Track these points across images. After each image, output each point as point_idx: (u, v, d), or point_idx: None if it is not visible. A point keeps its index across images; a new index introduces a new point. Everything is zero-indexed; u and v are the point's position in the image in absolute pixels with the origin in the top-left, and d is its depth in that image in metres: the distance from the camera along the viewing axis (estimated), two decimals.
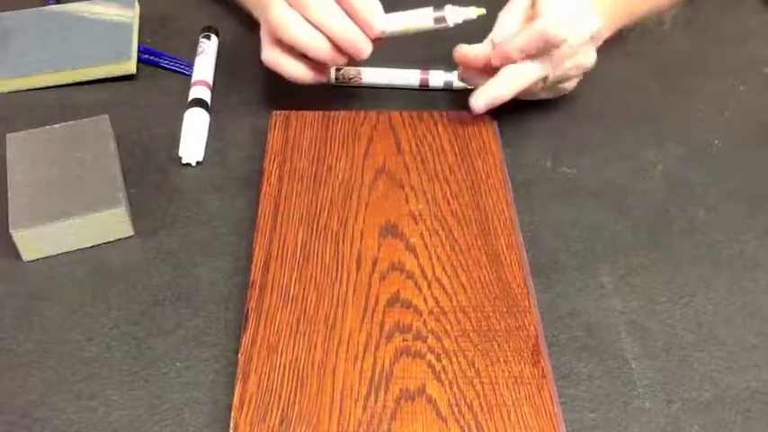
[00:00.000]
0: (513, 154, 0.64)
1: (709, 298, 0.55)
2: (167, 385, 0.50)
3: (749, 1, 0.82)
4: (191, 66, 0.71)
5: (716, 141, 0.66)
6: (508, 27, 0.63)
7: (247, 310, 0.51)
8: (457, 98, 0.69)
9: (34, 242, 0.56)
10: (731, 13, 0.80)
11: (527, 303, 0.52)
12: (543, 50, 0.60)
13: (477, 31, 0.64)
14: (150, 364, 0.51)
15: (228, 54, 0.74)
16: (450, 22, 0.62)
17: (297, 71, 0.63)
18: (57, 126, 0.63)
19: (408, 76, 0.70)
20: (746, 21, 0.79)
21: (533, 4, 0.62)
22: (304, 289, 0.52)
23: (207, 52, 0.72)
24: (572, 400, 0.49)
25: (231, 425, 0.46)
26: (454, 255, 0.54)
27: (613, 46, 0.68)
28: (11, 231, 0.55)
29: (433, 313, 0.51)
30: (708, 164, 0.64)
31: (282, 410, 0.46)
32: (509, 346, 0.49)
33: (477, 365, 0.48)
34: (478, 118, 0.64)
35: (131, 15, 0.75)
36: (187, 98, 0.68)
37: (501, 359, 0.49)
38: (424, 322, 0.50)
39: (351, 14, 0.60)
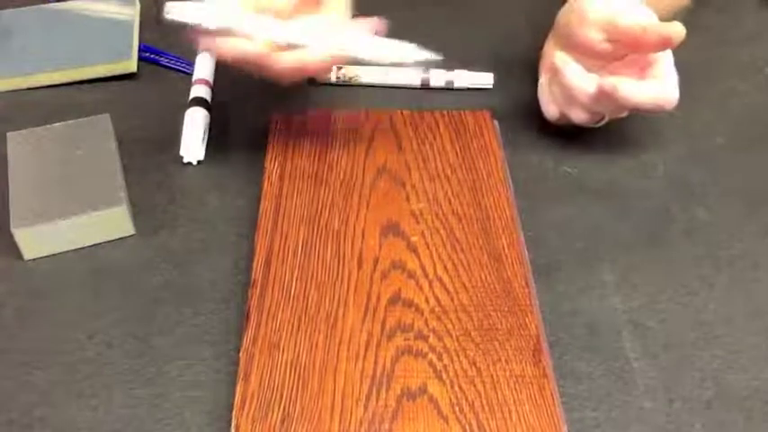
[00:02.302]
0: (514, 153, 0.64)
1: (710, 297, 0.55)
2: (168, 384, 0.50)
3: (749, 1, 0.82)
4: (191, 64, 0.71)
5: (717, 141, 0.66)
6: None
7: (248, 309, 0.51)
8: (458, 97, 0.69)
9: (35, 241, 0.56)
10: (731, 13, 0.80)
11: (528, 302, 0.52)
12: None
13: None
14: (151, 363, 0.51)
15: None
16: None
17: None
18: (57, 124, 0.63)
19: (409, 76, 0.70)
20: (746, 22, 0.79)
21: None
22: (305, 288, 0.52)
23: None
24: (573, 399, 0.49)
25: (232, 423, 0.46)
26: (455, 254, 0.54)
27: None
28: (12, 230, 0.55)
29: (434, 312, 0.51)
30: (709, 164, 0.64)
31: (284, 409, 0.46)
32: (510, 346, 0.49)
33: (478, 365, 0.48)
34: (479, 117, 0.64)
35: (132, 14, 0.75)
36: (188, 97, 0.68)
37: (502, 358, 0.49)
38: (426, 321, 0.50)
39: None
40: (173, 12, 0.55)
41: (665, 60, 0.59)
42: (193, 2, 0.55)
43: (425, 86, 0.70)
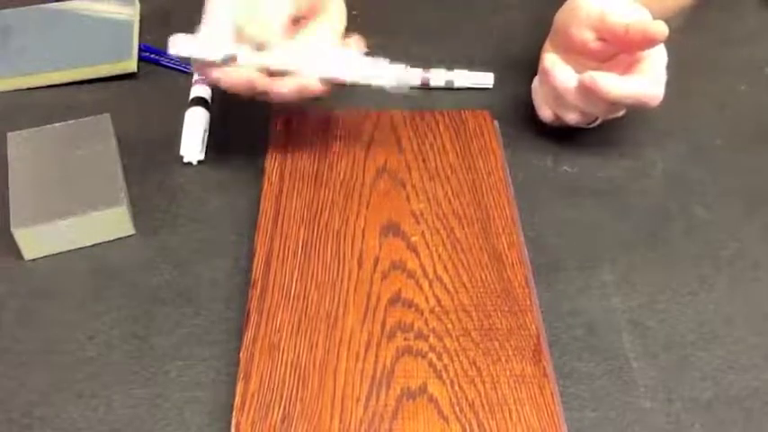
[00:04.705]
0: (514, 153, 0.64)
1: (710, 297, 0.55)
2: (168, 384, 0.50)
3: (749, 1, 0.82)
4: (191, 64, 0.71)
5: (716, 140, 0.66)
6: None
7: (248, 309, 0.51)
8: (458, 97, 0.69)
9: (35, 241, 0.56)
10: (731, 13, 0.80)
11: (528, 302, 0.52)
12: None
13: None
14: (151, 363, 0.51)
15: None
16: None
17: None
18: (58, 125, 0.63)
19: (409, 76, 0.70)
20: (747, 21, 0.79)
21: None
22: (305, 288, 0.52)
23: None
24: (573, 399, 0.49)
25: (233, 424, 0.46)
26: (455, 254, 0.54)
27: None
28: (12, 230, 0.55)
29: (434, 312, 0.51)
30: (708, 163, 0.64)
31: (284, 409, 0.46)
32: (510, 345, 0.49)
33: (478, 364, 0.48)
34: (479, 117, 0.64)
35: (132, 13, 0.75)
36: (188, 97, 0.68)
37: (502, 358, 0.49)
38: (426, 321, 0.50)
39: None
40: (177, 47, 0.56)
41: (654, 58, 0.59)
42: (193, 35, 0.56)
43: (425, 86, 0.70)
